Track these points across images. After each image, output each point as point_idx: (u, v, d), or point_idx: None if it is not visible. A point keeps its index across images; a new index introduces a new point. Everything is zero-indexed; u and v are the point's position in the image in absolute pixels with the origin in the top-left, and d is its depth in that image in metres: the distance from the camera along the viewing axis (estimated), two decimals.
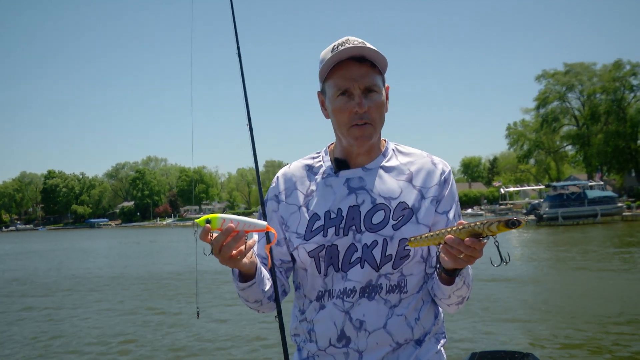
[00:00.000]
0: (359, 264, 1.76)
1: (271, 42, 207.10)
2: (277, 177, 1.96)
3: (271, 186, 1.96)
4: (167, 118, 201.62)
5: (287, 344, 1.89)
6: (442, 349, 1.89)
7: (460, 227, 1.48)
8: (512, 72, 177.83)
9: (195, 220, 1.57)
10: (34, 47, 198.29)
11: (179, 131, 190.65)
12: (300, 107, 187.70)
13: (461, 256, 1.50)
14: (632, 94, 67.80)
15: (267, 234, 1.82)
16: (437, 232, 1.52)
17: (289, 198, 1.90)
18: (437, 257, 1.69)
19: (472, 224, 1.46)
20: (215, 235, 1.56)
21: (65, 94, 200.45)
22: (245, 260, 1.67)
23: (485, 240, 1.47)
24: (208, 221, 1.55)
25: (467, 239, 1.46)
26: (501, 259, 1.55)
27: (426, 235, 1.55)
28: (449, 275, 1.66)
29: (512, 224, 1.42)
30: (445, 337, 1.92)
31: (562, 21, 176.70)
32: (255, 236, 1.77)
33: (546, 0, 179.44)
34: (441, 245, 1.53)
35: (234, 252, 1.59)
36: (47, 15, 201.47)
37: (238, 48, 2.12)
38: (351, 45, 1.73)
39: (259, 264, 1.78)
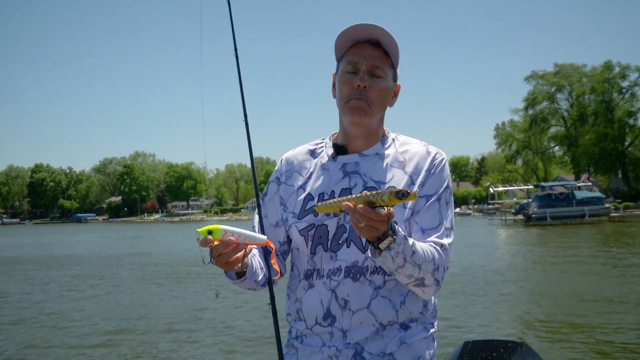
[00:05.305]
0: (346, 243, 1.81)
1: (262, 37, 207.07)
2: (281, 159, 2.04)
3: (275, 169, 2.05)
4: (156, 113, 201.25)
5: (279, 328, 1.89)
6: (431, 336, 1.89)
7: (359, 195, 1.50)
8: (502, 72, 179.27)
9: (197, 230, 1.62)
10: (23, 42, 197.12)
11: (168, 127, 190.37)
12: (289, 104, 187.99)
13: (362, 225, 1.49)
14: (621, 96, 68.36)
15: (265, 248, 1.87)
16: (339, 199, 1.53)
17: (289, 180, 1.98)
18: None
19: (367, 193, 1.49)
20: (215, 244, 1.62)
21: (53, 88, 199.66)
22: (238, 264, 1.71)
23: (382, 211, 1.47)
24: (210, 232, 1.61)
25: (360, 206, 1.46)
26: (390, 229, 1.54)
27: (330, 201, 1.56)
28: (374, 247, 1.60)
29: (402, 195, 1.45)
30: (434, 327, 1.90)
31: (553, 21, 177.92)
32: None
33: (537, 1, 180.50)
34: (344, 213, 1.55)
35: (230, 260, 1.65)
36: (36, 12, 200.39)
37: (235, 49, 2.15)
38: (372, 24, 1.80)
39: (249, 260, 1.80)
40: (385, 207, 1.48)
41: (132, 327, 9.79)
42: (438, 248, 1.75)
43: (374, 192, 1.48)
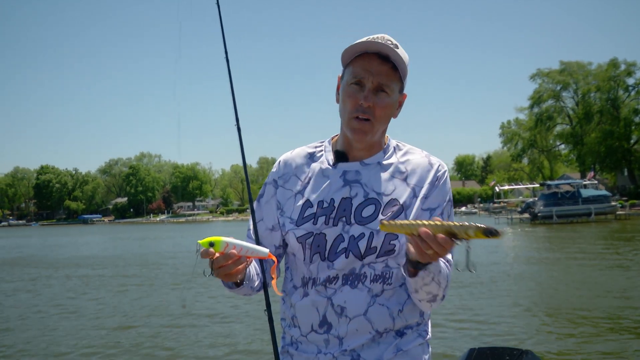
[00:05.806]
0: (344, 254, 1.79)
1: (265, 36, 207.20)
2: (279, 161, 2.00)
3: (272, 170, 2.00)
4: (161, 114, 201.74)
5: (275, 335, 1.89)
6: (426, 342, 1.90)
7: (438, 222, 1.46)
8: (507, 71, 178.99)
9: (199, 241, 1.61)
10: (27, 43, 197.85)
11: (173, 127, 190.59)
12: (296, 104, 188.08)
13: (429, 252, 1.48)
14: (627, 94, 68.07)
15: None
16: (413, 222, 1.48)
17: (287, 183, 1.93)
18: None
19: (450, 223, 1.44)
20: (217, 256, 1.61)
21: (58, 89, 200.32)
22: (238, 275, 1.71)
23: (459, 243, 1.45)
24: (212, 244, 1.60)
25: (441, 236, 1.44)
26: (467, 266, 1.55)
27: (401, 222, 1.50)
28: (414, 268, 1.63)
29: (489, 233, 1.39)
30: (429, 334, 1.92)
31: (557, 20, 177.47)
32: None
33: None
34: (411, 237, 1.50)
35: (231, 272, 1.65)
36: (40, 12, 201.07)
37: (226, 52, 2.17)
38: (383, 42, 1.75)
39: (246, 270, 1.80)
40: (464, 240, 1.45)
41: (130, 328, 9.82)
42: (447, 264, 1.76)
43: (458, 223, 1.43)
